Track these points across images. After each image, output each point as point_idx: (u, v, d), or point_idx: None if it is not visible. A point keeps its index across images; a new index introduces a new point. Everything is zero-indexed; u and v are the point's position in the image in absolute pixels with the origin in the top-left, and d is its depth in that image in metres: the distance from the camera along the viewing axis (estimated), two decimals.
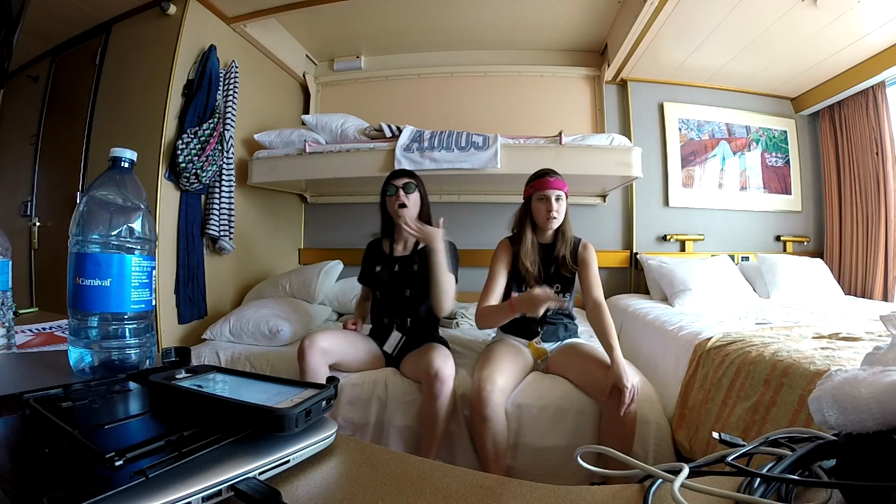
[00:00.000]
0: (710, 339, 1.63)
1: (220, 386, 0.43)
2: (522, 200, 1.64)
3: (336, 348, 1.50)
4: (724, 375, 1.44)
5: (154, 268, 0.59)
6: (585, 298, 1.54)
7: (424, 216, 1.68)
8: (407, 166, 2.24)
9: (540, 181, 1.56)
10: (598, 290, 1.53)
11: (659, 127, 3.05)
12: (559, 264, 1.55)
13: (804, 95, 3.07)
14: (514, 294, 1.55)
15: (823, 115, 3.06)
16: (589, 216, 3.00)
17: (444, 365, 1.39)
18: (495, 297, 1.55)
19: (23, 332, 0.82)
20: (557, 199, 1.53)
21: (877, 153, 2.69)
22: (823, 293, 2.55)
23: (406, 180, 1.63)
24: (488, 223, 2.87)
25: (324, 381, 0.42)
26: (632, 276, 2.99)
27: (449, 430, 1.43)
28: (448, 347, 1.62)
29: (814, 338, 1.50)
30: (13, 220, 2.57)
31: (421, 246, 1.66)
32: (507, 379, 1.39)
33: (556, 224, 1.55)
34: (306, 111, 3.15)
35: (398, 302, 1.63)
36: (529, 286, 1.53)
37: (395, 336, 1.62)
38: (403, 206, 1.58)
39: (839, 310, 2.16)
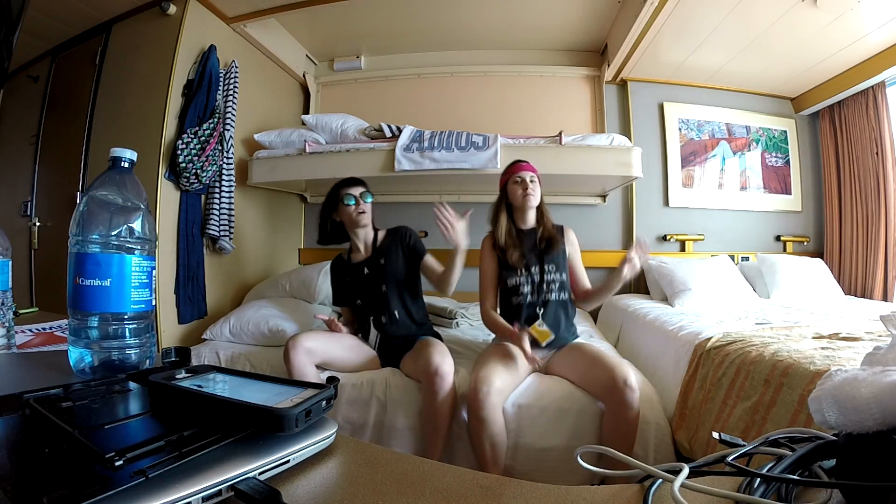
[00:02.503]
0: (710, 339, 1.63)
1: (220, 386, 0.43)
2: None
3: (321, 347, 1.51)
4: (724, 375, 1.44)
5: (154, 268, 0.59)
6: (577, 287, 1.66)
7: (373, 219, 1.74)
8: (407, 166, 2.25)
9: (513, 167, 1.68)
10: (586, 279, 1.68)
11: (659, 127, 3.05)
12: (548, 244, 1.61)
13: (804, 95, 3.07)
14: (510, 280, 1.62)
15: (823, 115, 3.06)
16: (589, 216, 3.00)
17: (443, 361, 1.40)
18: (492, 294, 1.66)
19: (23, 332, 0.82)
20: (531, 180, 1.63)
21: (877, 153, 2.68)
22: (823, 293, 2.55)
23: (363, 189, 1.69)
24: (488, 223, 2.87)
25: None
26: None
27: (449, 430, 1.43)
28: (441, 340, 1.65)
29: (814, 338, 1.50)
30: (13, 220, 2.57)
31: (379, 243, 1.71)
32: (504, 380, 1.38)
33: (533, 202, 1.62)
34: (306, 111, 3.16)
35: (378, 299, 1.65)
36: (516, 268, 1.59)
37: (373, 333, 1.66)
38: (363, 212, 1.66)
39: (839, 310, 2.16)
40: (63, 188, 2.37)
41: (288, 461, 0.34)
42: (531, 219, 1.66)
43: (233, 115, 2.27)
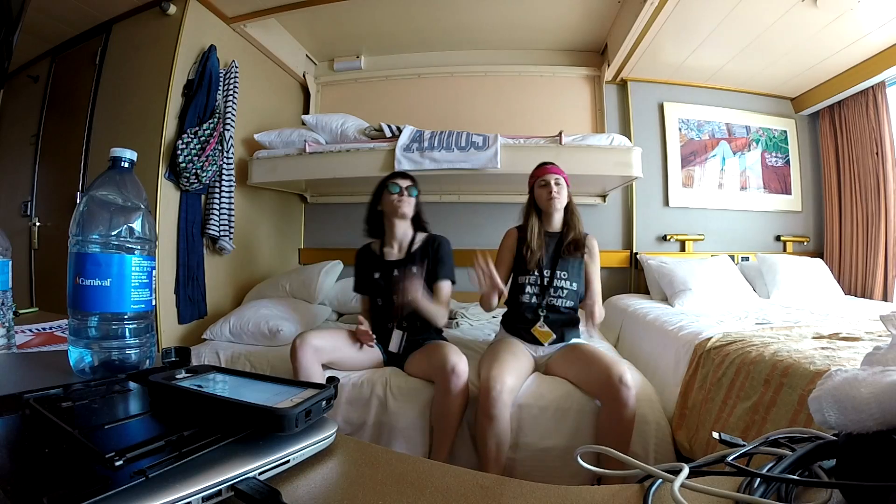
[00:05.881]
0: (710, 339, 1.63)
1: (220, 386, 0.43)
2: (526, 198, 1.72)
3: (328, 346, 1.50)
4: (724, 375, 1.44)
5: (154, 268, 0.59)
6: (585, 298, 1.62)
7: (415, 221, 1.72)
8: (407, 166, 2.25)
9: (539, 169, 1.68)
10: (597, 290, 1.64)
11: (659, 127, 3.05)
12: (568, 250, 1.60)
13: (804, 95, 3.07)
14: (520, 279, 1.62)
15: (823, 115, 3.06)
16: (589, 216, 2.98)
17: (460, 360, 1.40)
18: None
19: (23, 332, 0.82)
20: (556, 182, 1.62)
21: (877, 153, 2.68)
22: (823, 293, 2.55)
23: (410, 183, 1.68)
24: (488, 223, 2.87)
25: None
26: (632, 276, 2.99)
27: (458, 429, 1.43)
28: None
29: (814, 338, 1.50)
30: (13, 220, 2.57)
31: (416, 247, 1.68)
32: (515, 379, 1.39)
33: (558, 204, 1.61)
34: (306, 111, 3.16)
35: (403, 308, 1.62)
36: (530, 270, 1.59)
37: (398, 334, 1.62)
38: (404, 202, 1.64)
39: (839, 310, 2.16)
40: (63, 188, 2.37)
41: (288, 461, 0.34)
42: (557, 222, 1.66)
43: (233, 115, 2.27)
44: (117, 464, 0.27)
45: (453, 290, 1.70)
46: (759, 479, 0.31)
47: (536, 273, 1.59)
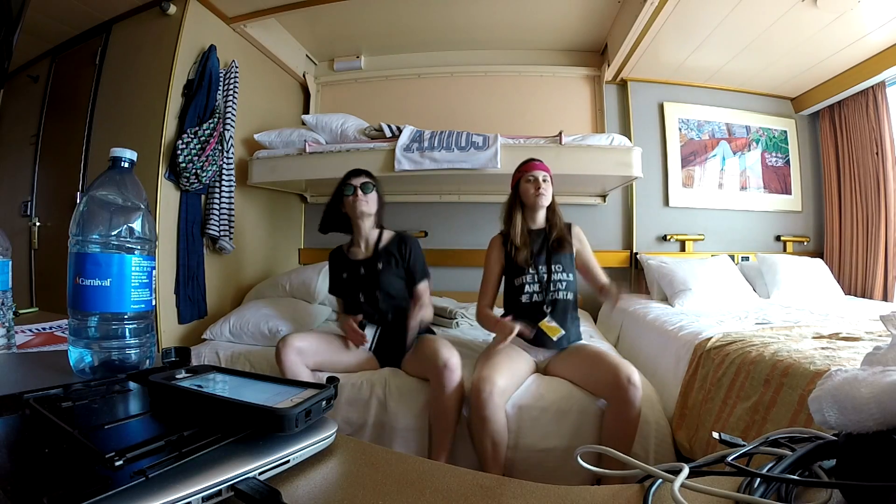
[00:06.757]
0: (710, 339, 1.63)
1: (220, 386, 0.43)
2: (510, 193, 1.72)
3: (313, 348, 1.49)
4: (725, 375, 1.44)
5: (154, 268, 0.59)
6: (595, 283, 1.64)
7: (380, 217, 1.71)
8: (407, 166, 2.25)
9: (526, 165, 1.67)
10: (602, 273, 1.65)
11: (659, 127, 3.06)
12: (556, 245, 1.61)
13: (804, 95, 3.07)
14: (516, 280, 1.61)
15: (823, 115, 3.06)
16: (589, 216, 3.00)
17: (451, 355, 1.40)
18: (491, 294, 1.68)
19: (23, 332, 0.82)
20: (544, 179, 1.62)
21: (877, 153, 2.68)
22: (823, 293, 2.55)
23: (364, 179, 1.65)
24: (488, 223, 2.86)
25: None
26: (632, 276, 2.99)
27: (457, 427, 1.42)
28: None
29: (814, 338, 1.50)
30: (13, 220, 2.57)
31: (382, 244, 1.67)
32: (507, 380, 1.38)
33: (545, 202, 1.61)
34: (306, 111, 3.16)
35: (370, 304, 1.63)
36: (521, 269, 1.59)
37: (370, 330, 1.62)
38: (362, 202, 1.62)
39: (839, 310, 2.16)
40: (63, 188, 2.37)
41: (288, 461, 0.34)
42: (541, 218, 1.65)
43: (233, 115, 2.27)
44: (117, 464, 0.27)
45: (432, 287, 1.71)
46: (759, 479, 0.31)
47: (533, 271, 1.58)
